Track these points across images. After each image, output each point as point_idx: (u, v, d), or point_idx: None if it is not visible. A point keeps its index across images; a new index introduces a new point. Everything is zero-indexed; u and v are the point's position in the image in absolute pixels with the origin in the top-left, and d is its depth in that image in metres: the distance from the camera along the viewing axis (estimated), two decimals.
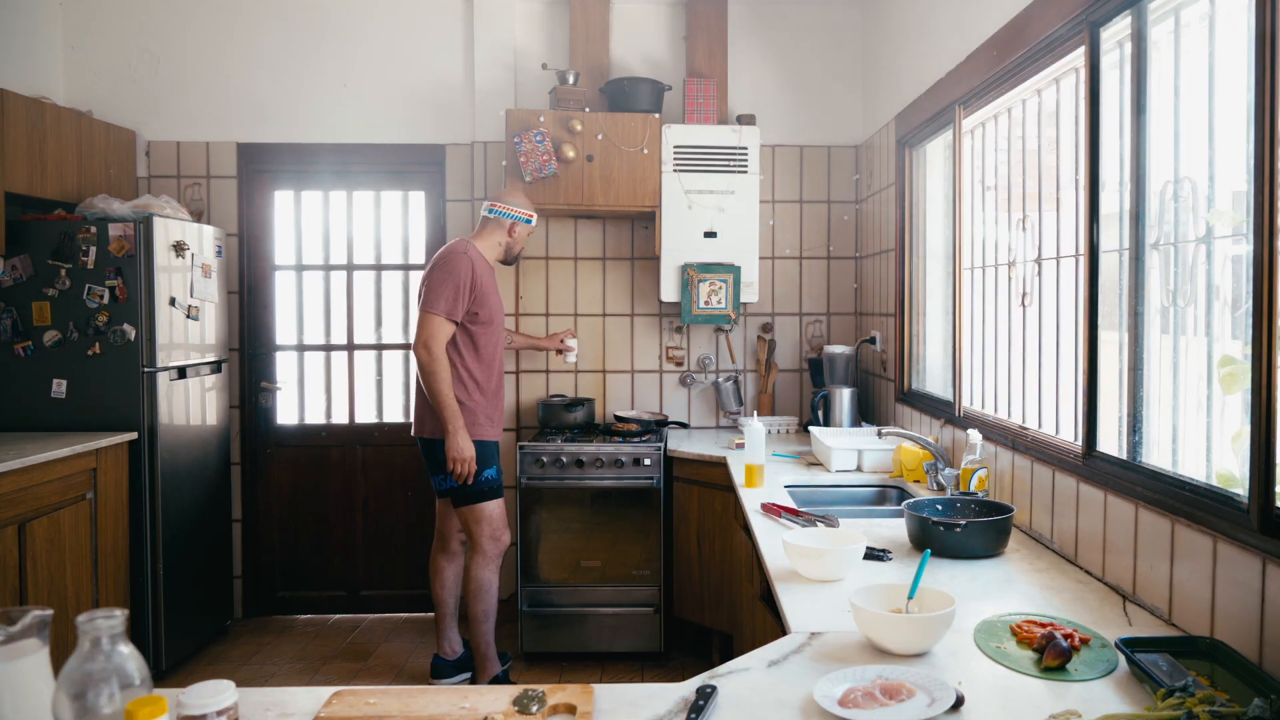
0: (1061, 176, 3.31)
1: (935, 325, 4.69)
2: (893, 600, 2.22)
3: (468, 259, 4.54)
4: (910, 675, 1.87)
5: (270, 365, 6.03)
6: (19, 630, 1.42)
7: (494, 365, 4.75)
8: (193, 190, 5.87)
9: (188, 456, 5.27)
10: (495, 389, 4.75)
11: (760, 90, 5.97)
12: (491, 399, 4.73)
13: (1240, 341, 2.27)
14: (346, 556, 6.07)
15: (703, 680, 1.93)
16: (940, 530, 2.91)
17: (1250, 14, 2.06)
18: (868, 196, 5.71)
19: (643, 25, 5.93)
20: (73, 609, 4.39)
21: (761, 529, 3.30)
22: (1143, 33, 2.65)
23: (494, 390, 4.75)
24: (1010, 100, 3.71)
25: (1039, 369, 3.48)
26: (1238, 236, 2.29)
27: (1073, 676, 1.96)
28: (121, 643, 1.35)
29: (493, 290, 4.69)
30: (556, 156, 5.26)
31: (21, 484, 4.12)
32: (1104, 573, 2.70)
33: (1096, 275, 2.87)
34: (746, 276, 5.49)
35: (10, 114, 4.72)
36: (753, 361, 6.02)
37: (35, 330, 4.87)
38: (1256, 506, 2.00)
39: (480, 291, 4.57)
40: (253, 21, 5.85)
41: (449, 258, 4.55)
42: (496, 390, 4.77)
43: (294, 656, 5.37)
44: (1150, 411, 2.68)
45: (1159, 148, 2.64)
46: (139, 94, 5.83)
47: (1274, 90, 1.97)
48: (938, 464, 3.88)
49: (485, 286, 4.61)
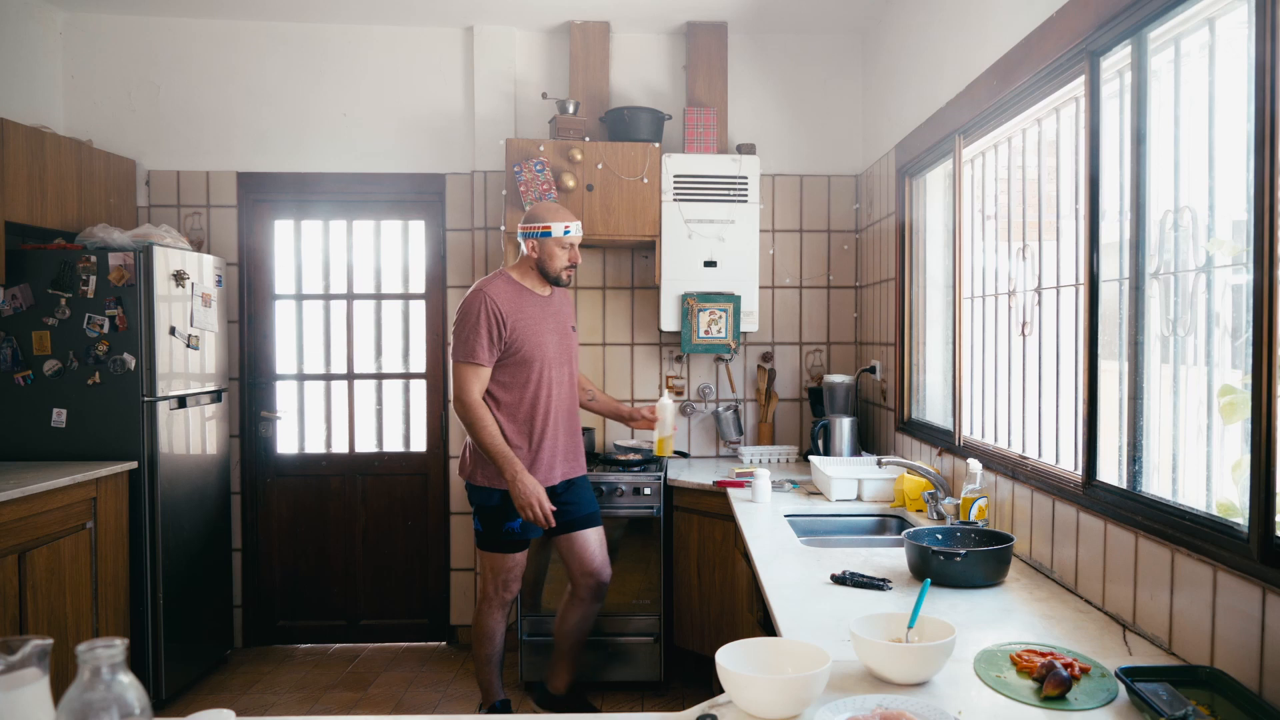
0: (1061, 205, 3.32)
1: (935, 354, 4.70)
2: (893, 629, 2.21)
3: (480, 296, 4.25)
4: (911, 704, 1.86)
5: (270, 394, 6.03)
6: (19, 659, 1.42)
7: (531, 407, 4.33)
8: (193, 219, 5.88)
9: (188, 486, 5.26)
10: (536, 433, 4.35)
11: (760, 119, 6.00)
12: (526, 443, 4.34)
13: (1240, 371, 2.27)
14: (346, 586, 6.05)
15: (703, 710, 1.92)
16: (940, 559, 2.91)
17: (1250, 43, 2.07)
18: (868, 225, 5.73)
19: (643, 55, 5.97)
20: (73, 638, 4.38)
21: (763, 559, 3.29)
22: (1143, 62, 2.67)
23: (534, 435, 4.35)
24: (1010, 129, 3.73)
25: (1039, 398, 3.48)
26: (1238, 266, 2.30)
27: (1073, 706, 1.95)
28: (121, 672, 1.34)
29: (531, 322, 4.32)
30: (556, 186, 5.28)
31: (21, 513, 4.11)
32: (1104, 602, 2.70)
33: (1096, 304, 2.88)
34: (746, 306, 5.50)
35: (10, 143, 4.74)
36: (753, 391, 6.02)
37: (35, 359, 4.87)
38: (1256, 536, 2.00)
39: (511, 325, 4.24)
40: (253, 51, 5.89)
41: (465, 301, 4.31)
42: (538, 434, 4.36)
43: (294, 686, 5.35)
44: (1150, 441, 2.68)
45: (1159, 177, 2.65)
46: (139, 123, 5.86)
47: (1274, 119, 1.98)
48: (938, 493, 3.88)
49: (516, 320, 4.26)
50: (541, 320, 4.37)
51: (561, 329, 4.46)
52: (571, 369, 4.53)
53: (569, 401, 4.51)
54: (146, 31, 5.82)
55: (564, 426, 4.47)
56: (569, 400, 4.50)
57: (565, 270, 4.40)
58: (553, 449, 4.41)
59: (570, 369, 4.52)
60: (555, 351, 4.39)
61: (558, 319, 4.46)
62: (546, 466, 4.38)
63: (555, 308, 4.48)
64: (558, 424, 4.43)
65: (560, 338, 4.44)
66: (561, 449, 4.45)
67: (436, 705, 5.03)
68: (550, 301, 4.47)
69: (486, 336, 4.22)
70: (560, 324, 4.47)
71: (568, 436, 4.49)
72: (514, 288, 4.36)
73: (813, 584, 2.96)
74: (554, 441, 4.41)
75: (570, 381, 4.52)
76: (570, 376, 4.52)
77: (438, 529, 6.01)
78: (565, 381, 4.47)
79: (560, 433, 4.44)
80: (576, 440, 4.57)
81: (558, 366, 4.41)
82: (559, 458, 4.44)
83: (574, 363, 4.57)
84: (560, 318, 4.49)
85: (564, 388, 4.46)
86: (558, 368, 4.41)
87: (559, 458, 4.44)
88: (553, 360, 4.38)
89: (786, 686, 1.86)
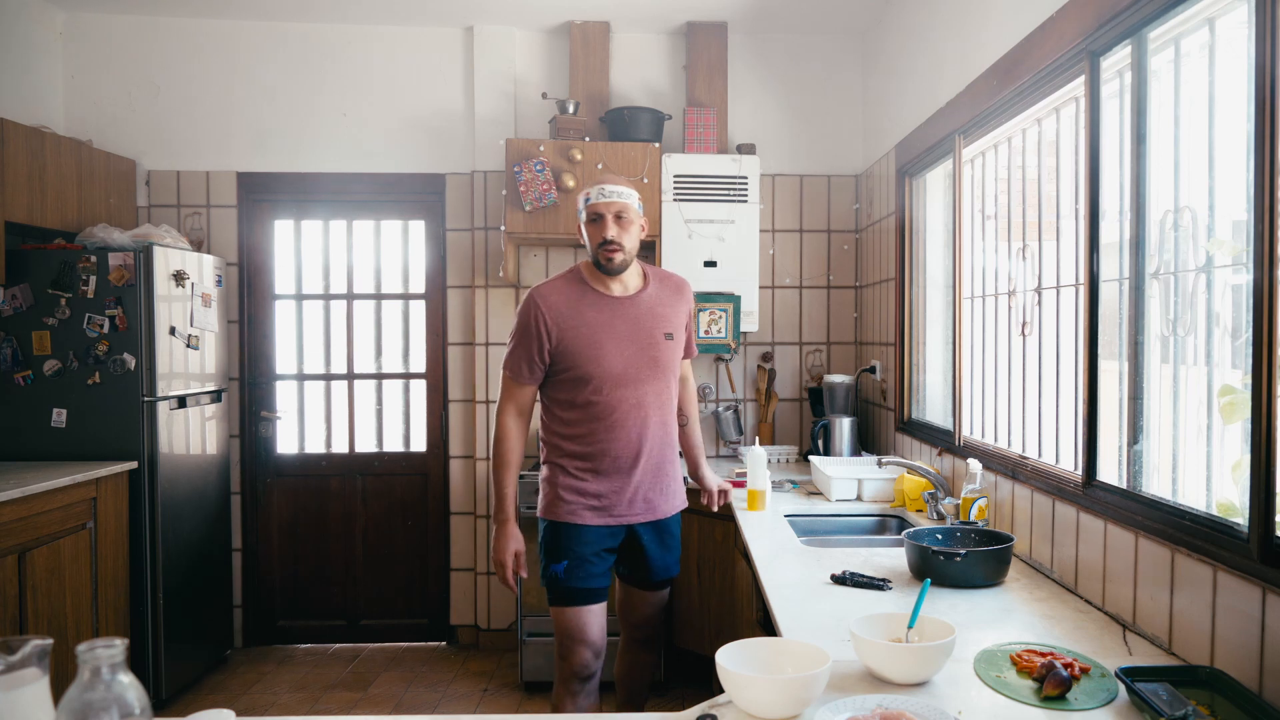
0: (1061, 205, 3.32)
1: (935, 354, 4.70)
2: (893, 630, 2.21)
3: (530, 301, 3.54)
4: (910, 704, 1.86)
5: (270, 394, 6.03)
6: (19, 659, 1.42)
7: (590, 434, 3.55)
8: (193, 219, 5.88)
9: (187, 486, 5.26)
10: (603, 467, 3.56)
11: (760, 119, 6.00)
12: (592, 478, 3.58)
13: (1240, 371, 2.27)
14: (346, 586, 6.05)
15: (703, 709, 1.92)
16: (940, 559, 2.91)
17: (1250, 43, 2.07)
18: (868, 225, 5.73)
19: (643, 55, 5.97)
20: (72, 638, 4.38)
21: (763, 559, 3.29)
22: (1143, 62, 2.67)
23: (600, 469, 3.57)
24: (1010, 129, 3.73)
25: (1039, 398, 3.48)
26: (1238, 266, 2.30)
27: (1073, 706, 1.95)
28: (121, 672, 1.34)
29: (589, 330, 3.52)
30: (556, 186, 5.28)
31: (21, 513, 4.11)
32: (1104, 602, 2.69)
33: (1096, 304, 2.88)
34: (746, 306, 5.50)
35: (10, 143, 4.74)
36: (752, 391, 6.02)
37: (35, 359, 4.87)
38: (1256, 536, 2.00)
39: (558, 336, 3.50)
40: (253, 51, 5.89)
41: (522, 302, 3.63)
42: (606, 469, 3.57)
43: (294, 685, 5.34)
44: (1150, 441, 2.68)
45: (1159, 177, 2.65)
46: (139, 123, 5.86)
47: (1274, 119, 1.98)
48: (938, 493, 3.88)
49: (566, 328, 3.50)
50: (606, 327, 3.54)
51: (643, 336, 3.59)
52: (661, 387, 3.63)
53: (656, 428, 3.63)
54: (146, 31, 5.82)
55: (647, 459, 3.61)
56: (656, 426, 3.63)
57: (602, 252, 3.53)
58: (625, 487, 3.59)
59: (659, 386, 3.62)
60: (628, 365, 3.54)
61: (637, 324, 3.59)
62: (618, 506, 3.60)
63: (636, 310, 3.62)
64: (635, 456, 3.58)
65: (640, 348, 3.57)
66: (643, 487, 3.62)
67: (436, 705, 5.03)
68: (627, 303, 3.62)
69: (525, 349, 3.54)
70: (641, 330, 3.59)
71: (651, 472, 3.64)
72: (574, 288, 3.60)
73: (813, 584, 2.96)
74: (627, 478, 3.59)
75: (661, 402, 3.64)
76: (661, 396, 3.64)
77: (438, 529, 6.01)
78: (648, 403, 3.59)
79: (640, 467, 3.60)
80: (665, 475, 3.70)
81: (633, 385, 3.55)
82: (638, 496, 3.62)
83: (666, 379, 3.65)
84: (644, 321, 3.61)
85: (644, 411, 3.58)
86: (633, 387, 3.55)
87: (638, 496, 3.62)
88: (624, 377, 3.54)
89: (786, 686, 1.85)
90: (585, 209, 3.56)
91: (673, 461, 3.75)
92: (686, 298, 3.83)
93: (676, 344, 3.69)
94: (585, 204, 3.57)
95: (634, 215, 3.56)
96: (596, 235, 3.54)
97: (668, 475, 3.71)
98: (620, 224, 3.52)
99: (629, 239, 3.55)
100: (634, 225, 3.57)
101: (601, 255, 3.53)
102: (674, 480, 3.75)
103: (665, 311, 3.67)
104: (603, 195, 3.54)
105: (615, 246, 3.51)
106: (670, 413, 3.72)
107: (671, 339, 3.66)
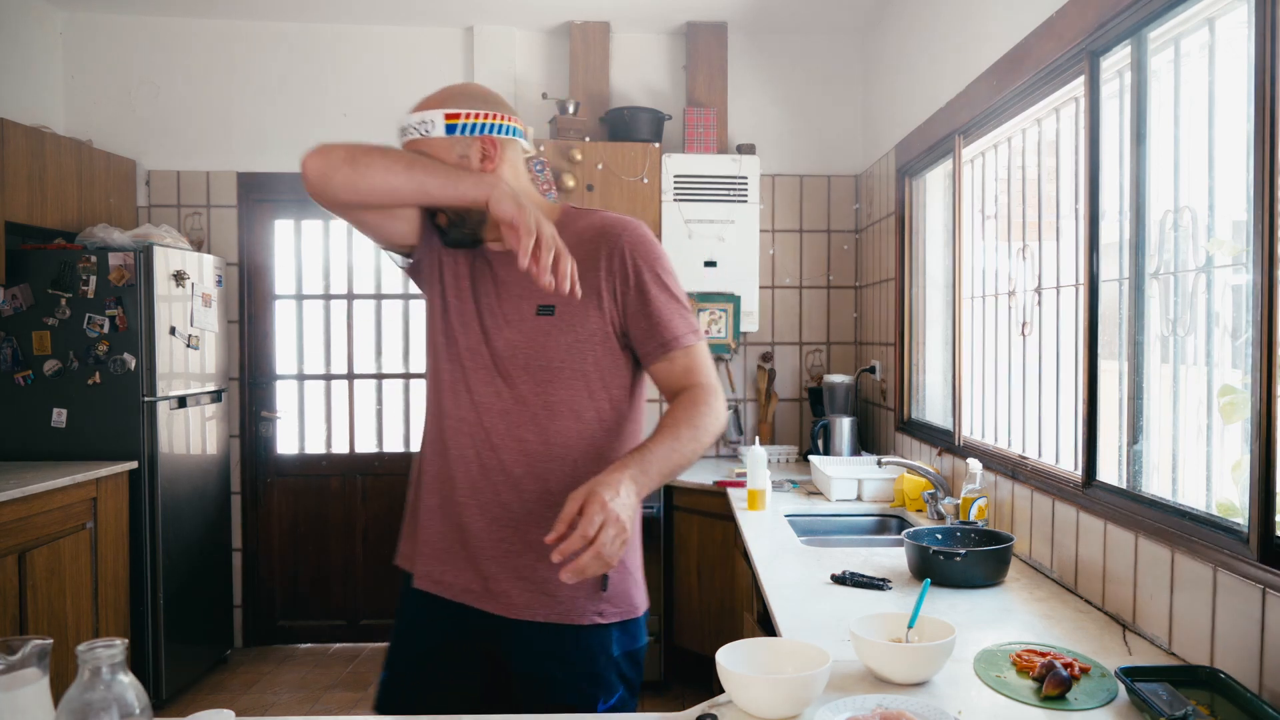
0: (1061, 205, 3.32)
1: (935, 354, 4.70)
2: (892, 629, 2.21)
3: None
4: (910, 704, 1.86)
5: (270, 394, 6.03)
6: (19, 659, 1.42)
7: (437, 424, 2.24)
8: (193, 219, 5.88)
9: (188, 486, 5.26)
10: (422, 494, 2.28)
11: (760, 119, 6.00)
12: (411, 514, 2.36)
13: (1240, 371, 2.27)
14: (347, 586, 6.05)
15: (703, 710, 1.92)
16: (940, 559, 2.90)
17: (1250, 43, 2.07)
18: (868, 225, 5.73)
19: (643, 55, 5.97)
20: (73, 638, 4.38)
21: (763, 559, 3.29)
22: (1143, 62, 2.67)
23: (417, 497, 2.32)
24: (1010, 129, 3.73)
25: (1039, 398, 3.48)
26: (1238, 266, 2.30)
27: (1072, 706, 1.95)
28: (121, 672, 1.34)
29: (441, 298, 2.25)
30: (556, 186, 5.28)
31: (21, 513, 4.11)
32: (1104, 602, 2.69)
33: (1096, 304, 2.88)
34: (746, 306, 5.50)
35: (10, 143, 4.74)
36: (752, 391, 6.02)
37: (35, 359, 4.87)
38: (1256, 536, 2.00)
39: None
40: (252, 51, 5.89)
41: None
42: (424, 498, 2.27)
43: (294, 685, 5.34)
44: (1150, 441, 2.68)
45: (1159, 177, 2.65)
46: (139, 123, 5.86)
47: (1274, 119, 1.98)
48: (937, 493, 3.87)
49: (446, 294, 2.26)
50: (459, 296, 2.23)
51: (502, 312, 2.16)
52: (529, 397, 2.13)
53: (515, 465, 2.13)
54: (146, 31, 5.82)
55: (482, 517, 2.15)
56: (516, 463, 2.13)
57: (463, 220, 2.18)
58: (446, 535, 2.21)
59: (528, 395, 2.13)
60: (464, 357, 2.19)
61: (497, 292, 2.19)
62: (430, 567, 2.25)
63: (506, 271, 2.19)
64: (471, 485, 2.16)
65: (490, 330, 2.17)
66: (482, 540, 2.16)
67: None
68: (497, 262, 2.22)
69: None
70: (505, 301, 2.17)
71: (493, 521, 2.15)
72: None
73: (813, 584, 2.96)
74: (453, 520, 2.19)
75: (533, 405, 2.13)
76: (531, 415, 2.13)
77: None
78: (511, 407, 2.14)
79: (476, 507, 2.15)
80: (529, 528, 2.12)
81: (467, 391, 2.17)
82: (460, 552, 2.19)
83: (543, 385, 2.13)
84: (509, 289, 2.18)
85: (486, 436, 2.15)
86: (467, 393, 2.17)
87: (460, 552, 2.19)
88: (457, 376, 2.19)
89: (786, 686, 1.85)
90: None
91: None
92: (615, 249, 2.15)
93: (570, 326, 2.12)
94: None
95: (436, 147, 2.19)
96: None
97: (532, 554, 2.12)
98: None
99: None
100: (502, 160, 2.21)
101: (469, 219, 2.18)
102: (546, 565, 2.01)
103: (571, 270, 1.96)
104: (403, 133, 2.26)
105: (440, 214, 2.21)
106: (565, 446, 2.15)
107: (552, 315, 2.12)
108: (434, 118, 2.21)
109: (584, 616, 2.16)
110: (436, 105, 2.23)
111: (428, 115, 2.21)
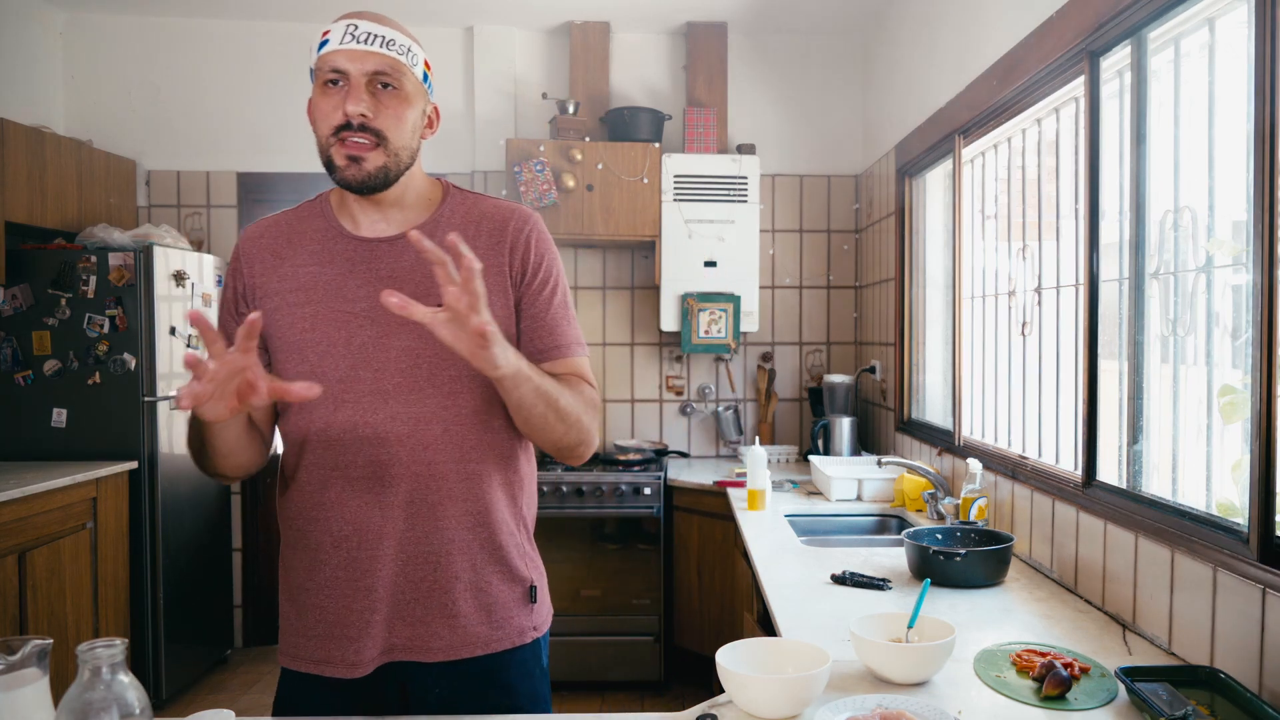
0: (1061, 205, 3.32)
1: (935, 354, 4.70)
2: (892, 629, 2.21)
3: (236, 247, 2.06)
4: (910, 704, 1.86)
5: None
6: (19, 659, 1.42)
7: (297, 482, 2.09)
8: (193, 219, 5.88)
9: (188, 486, 5.26)
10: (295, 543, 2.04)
11: (760, 119, 6.00)
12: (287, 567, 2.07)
13: (1240, 371, 2.27)
14: None
15: (703, 709, 1.92)
16: (940, 559, 2.90)
17: (1250, 43, 2.07)
18: (868, 225, 5.73)
19: (643, 55, 5.97)
20: (73, 638, 4.38)
21: (763, 559, 3.29)
22: (1142, 62, 2.67)
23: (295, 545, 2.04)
24: (1010, 129, 3.73)
25: (1039, 398, 3.48)
26: (1238, 266, 2.30)
27: (1072, 706, 1.95)
28: (122, 672, 1.34)
29: (295, 293, 1.94)
30: (556, 186, 5.28)
31: (21, 513, 4.11)
32: (1104, 602, 2.69)
33: (1096, 304, 2.88)
34: (746, 306, 5.50)
35: (10, 143, 4.74)
36: (752, 390, 6.02)
37: (35, 359, 4.87)
38: (1256, 536, 2.00)
39: (262, 300, 1.98)
40: (252, 51, 5.89)
41: None
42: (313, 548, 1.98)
43: None
44: (1150, 440, 2.68)
45: (1159, 177, 2.65)
46: (139, 123, 5.86)
47: (1274, 119, 1.98)
48: (937, 493, 3.87)
49: (269, 290, 1.98)
50: (328, 291, 1.93)
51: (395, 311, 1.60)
52: (437, 410, 1.90)
53: (423, 490, 1.90)
54: (146, 31, 5.82)
55: (399, 550, 1.91)
56: (422, 467, 1.89)
57: (338, 148, 1.82)
58: (350, 593, 1.94)
59: (430, 409, 1.90)
60: (357, 365, 1.90)
61: (389, 287, 1.82)
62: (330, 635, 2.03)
63: (393, 262, 1.92)
64: (374, 541, 1.91)
65: (383, 332, 1.89)
66: (388, 592, 1.92)
67: None
68: (380, 251, 1.94)
69: (222, 324, 2.04)
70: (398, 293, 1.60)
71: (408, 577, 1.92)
72: (304, 223, 2.02)
73: (813, 584, 2.96)
74: (353, 571, 1.92)
75: (436, 422, 1.90)
76: (433, 431, 1.90)
77: None
78: (411, 428, 1.89)
79: (386, 552, 1.91)
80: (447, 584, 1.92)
81: (364, 405, 1.89)
82: (375, 611, 1.93)
83: (448, 397, 1.91)
84: (403, 283, 1.88)
85: (404, 444, 1.89)
86: (372, 397, 1.89)
87: (375, 611, 1.93)
88: (348, 388, 1.90)
89: (786, 686, 1.85)
90: (317, 62, 1.85)
91: (499, 536, 1.95)
92: (514, 243, 1.98)
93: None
94: (318, 53, 1.85)
95: (411, 83, 1.89)
96: (330, 112, 1.83)
97: (454, 585, 1.92)
98: (382, 96, 1.85)
99: (398, 127, 1.86)
100: (412, 104, 1.90)
101: (337, 154, 1.83)
102: (471, 595, 1.93)
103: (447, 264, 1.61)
104: (352, 36, 1.82)
105: (367, 138, 1.82)
106: (475, 464, 1.94)
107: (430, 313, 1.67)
108: (416, 51, 1.93)
109: (523, 635, 2.02)
110: (400, 30, 1.91)
111: (405, 40, 1.90)
